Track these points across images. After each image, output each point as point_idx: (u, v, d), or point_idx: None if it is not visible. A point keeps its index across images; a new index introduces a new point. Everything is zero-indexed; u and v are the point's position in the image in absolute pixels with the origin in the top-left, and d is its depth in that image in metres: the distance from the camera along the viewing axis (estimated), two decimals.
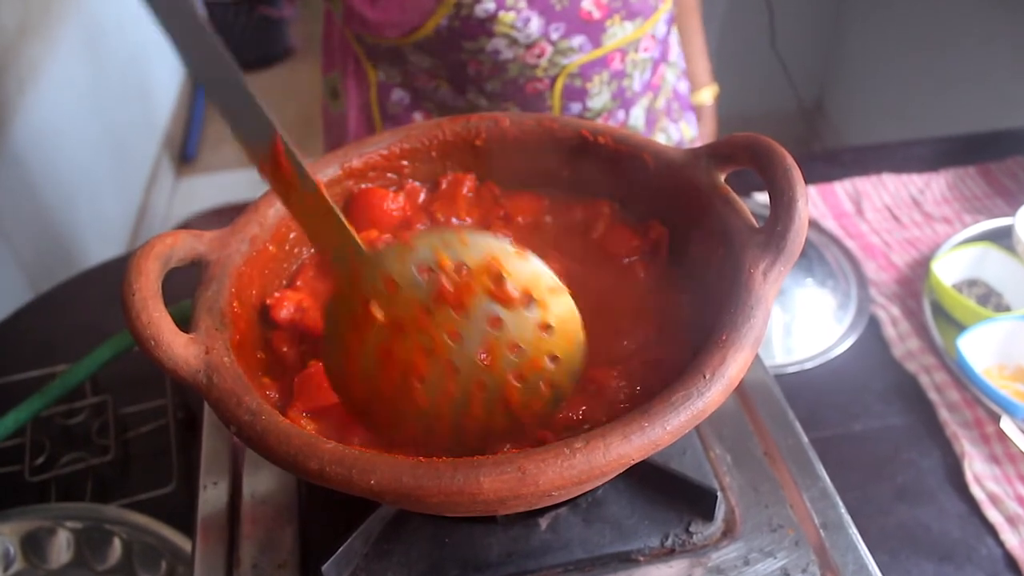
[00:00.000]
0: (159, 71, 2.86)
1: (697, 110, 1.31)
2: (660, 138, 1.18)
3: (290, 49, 3.37)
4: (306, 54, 3.35)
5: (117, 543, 0.73)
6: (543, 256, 0.45)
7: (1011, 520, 0.78)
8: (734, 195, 0.53)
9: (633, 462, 0.40)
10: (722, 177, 0.54)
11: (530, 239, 0.59)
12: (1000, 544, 0.77)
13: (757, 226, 0.49)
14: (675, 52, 1.25)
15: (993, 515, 0.79)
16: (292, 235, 0.57)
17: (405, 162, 0.62)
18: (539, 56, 0.94)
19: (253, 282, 0.52)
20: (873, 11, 2.37)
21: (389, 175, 0.62)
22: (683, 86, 1.26)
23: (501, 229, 0.60)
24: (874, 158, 1.24)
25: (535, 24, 0.90)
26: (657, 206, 0.57)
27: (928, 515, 0.80)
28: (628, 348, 0.51)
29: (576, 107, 1.01)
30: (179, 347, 0.43)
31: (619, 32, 0.96)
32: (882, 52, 2.37)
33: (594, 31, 0.94)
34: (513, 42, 0.92)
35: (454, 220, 0.61)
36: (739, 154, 0.52)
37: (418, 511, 0.48)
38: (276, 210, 0.55)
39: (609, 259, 0.58)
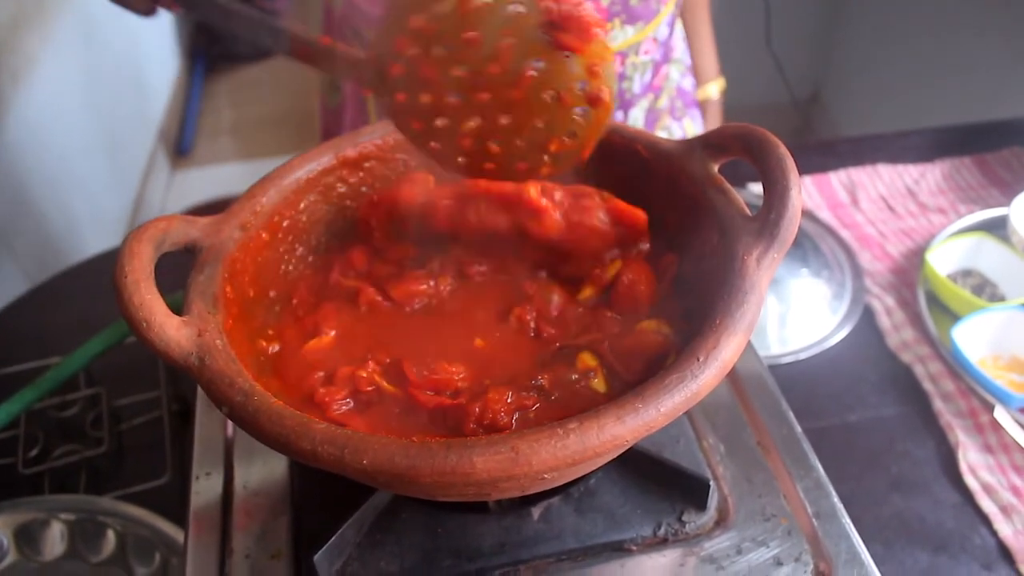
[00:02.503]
0: (154, 64, 2.85)
1: (702, 105, 1.30)
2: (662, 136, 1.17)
3: None
4: None
5: (111, 535, 0.73)
6: None
7: (1005, 510, 0.78)
8: (728, 185, 0.53)
9: (627, 444, 0.40)
10: (716, 167, 0.54)
11: None
12: (994, 534, 0.77)
13: (751, 215, 0.49)
14: (680, 49, 1.24)
15: (987, 505, 0.79)
16: (285, 223, 0.57)
17: (400, 154, 0.62)
18: None
19: (246, 269, 0.52)
20: (870, 2, 2.36)
21: (389, 165, 0.62)
22: (688, 83, 1.25)
23: None
24: (870, 148, 1.24)
25: None
26: (651, 196, 0.57)
27: (922, 505, 0.80)
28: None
29: None
30: (171, 329, 0.43)
31: (619, 36, 0.96)
32: (878, 43, 2.37)
33: None
34: None
35: None
36: (732, 144, 0.52)
37: (411, 494, 0.48)
38: (269, 198, 0.55)
39: None
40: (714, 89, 1.29)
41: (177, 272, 0.51)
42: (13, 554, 0.73)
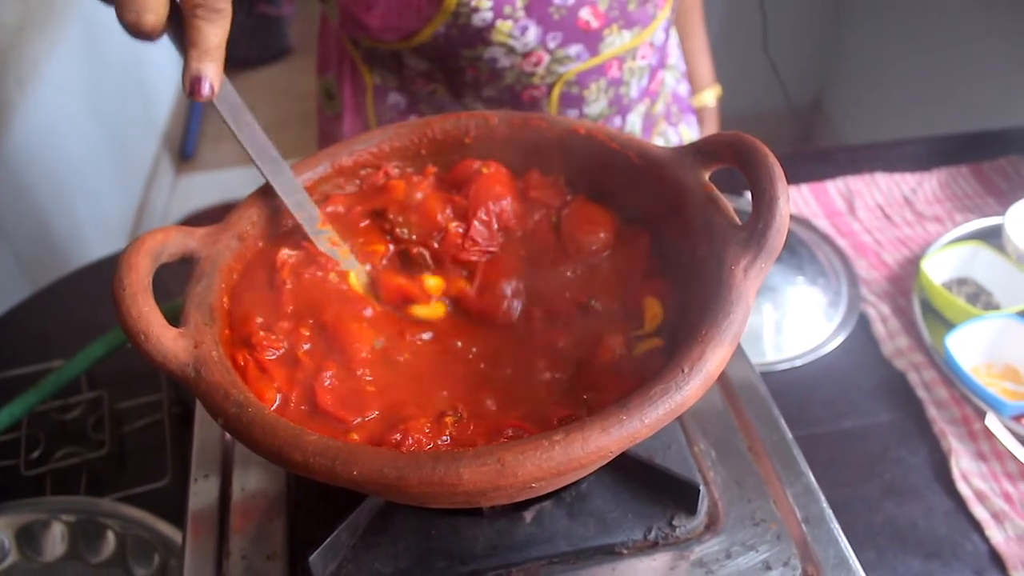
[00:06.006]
0: (158, 69, 2.86)
1: (699, 112, 1.29)
2: (658, 143, 1.17)
3: (289, 48, 3.37)
4: (305, 53, 3.35)
5: (111, 536, 0.74)
6: None
7: (997, 516, 0.79)
8: (718, 193, 0.53)
9: (612, 454, 0.41)
10: (707, 175, 0.54)
11: None
12: (986, 540, 0.78)
13: (740, 224, 0.50)
14: (675, 55, 1.24)
15: (979, 512, 0.79)
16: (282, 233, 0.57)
17: (395, 162, 0.63)
18: (536, 64, 0.94)
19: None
20: (871, 10, 2.37)
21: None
22: (683, 88, 1.25)
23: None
24: (867, 157, 1.24)
25: (532, 33, 0.91)
26: (642, 203, 0.58)
27: (915, 512, 0.80)
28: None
29: (573, 114, 1.01)
30: (168, 341, 0.44)
31: (617, 41, 0.96)
32: (880, 52, 2.37)
33: (592, 40, 0.94)
34: (510, 50, 0.92)
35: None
36: (723, 152, 0.52)
37: (402, 502, 0.49)
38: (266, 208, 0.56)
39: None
40: (710, 96, 1.29)
41: (180, 274, 0.52)
42: (14, 554, 0.74)
